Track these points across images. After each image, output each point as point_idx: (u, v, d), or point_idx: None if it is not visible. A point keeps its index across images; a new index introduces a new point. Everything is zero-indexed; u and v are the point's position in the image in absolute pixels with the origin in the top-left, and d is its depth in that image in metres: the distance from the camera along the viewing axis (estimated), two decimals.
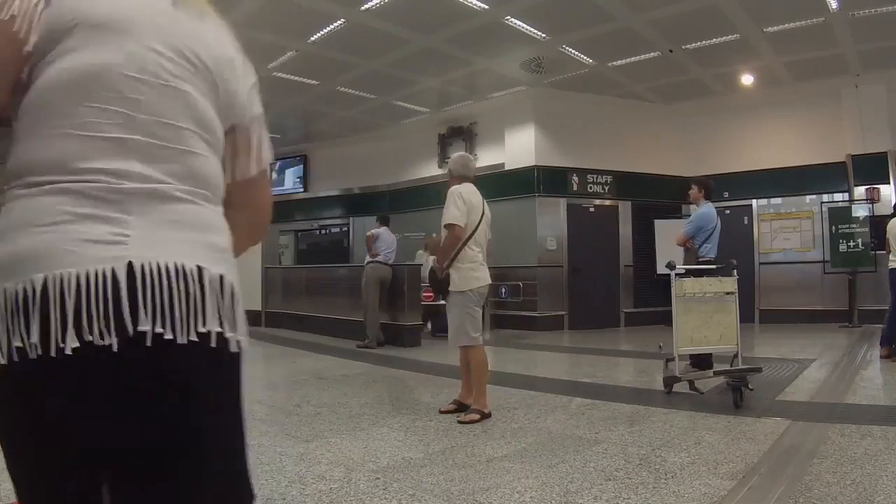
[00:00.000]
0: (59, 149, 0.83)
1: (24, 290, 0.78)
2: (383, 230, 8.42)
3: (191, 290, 0.84)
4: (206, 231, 0.91)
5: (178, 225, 0.86)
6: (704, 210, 5.62)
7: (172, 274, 0.82)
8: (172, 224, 0.85)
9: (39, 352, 0.77)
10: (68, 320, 0.77)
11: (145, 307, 0.79)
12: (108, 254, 0.79)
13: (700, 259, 5.40)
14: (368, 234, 8.43)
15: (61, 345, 0.76)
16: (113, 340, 0.78)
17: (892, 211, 6.74)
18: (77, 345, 0.77)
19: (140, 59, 0.88)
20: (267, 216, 1.15)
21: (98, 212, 0.81)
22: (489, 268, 4.64)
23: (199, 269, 0.86)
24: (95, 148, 0.83)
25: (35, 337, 0.77)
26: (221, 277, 0.89)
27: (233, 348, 0.89)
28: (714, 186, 5.96)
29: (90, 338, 0.77)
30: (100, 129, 0.83)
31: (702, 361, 4.94)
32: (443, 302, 4.65)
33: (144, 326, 0.79)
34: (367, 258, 8.28)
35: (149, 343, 0.79)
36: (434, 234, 8.26)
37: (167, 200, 0.86)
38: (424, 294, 8.43)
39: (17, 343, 0.77)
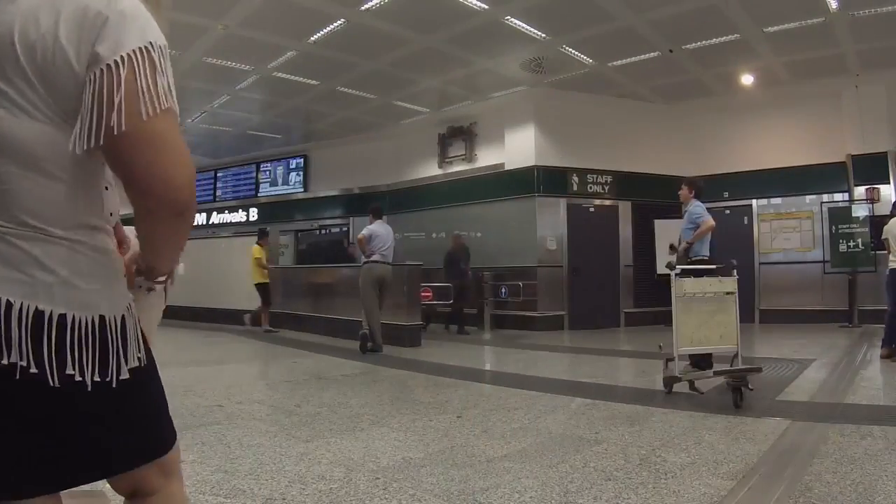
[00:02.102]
0: None
1: None
2: (377, 225, 7.77)
3: None
4: (25, 267, 0.89)
5: (1, 263, 0.88)
6: (694, 208, 5.61)
7: None
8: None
9: None
10: None
11: None
12: None
13: (692, 259, 5.36)
14: (359, 236, 7.78)
15: None
16: None
17: (891, 211, 6.73)
18: None
19: None
20: (150, 185, 0.91)
21: None
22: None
23: (8, 303, 0.88)
24: None
25: None
26: (38, 312, 0.89)
27: (51, 383, 0.89)
28: (704, 186, 5.92)
29: None
30: None
31: (701, 361, 4.94)
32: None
33: None
34: (363, 259, 7.78)
35: None
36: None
37: None
38: (423, 293, 8.40)
39: None
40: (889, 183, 9.44)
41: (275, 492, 2.67)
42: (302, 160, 14.62)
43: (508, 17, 7.69)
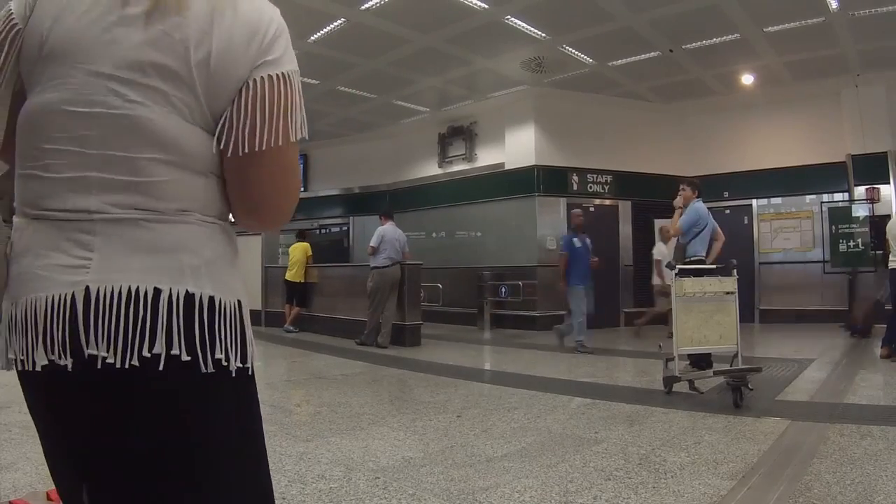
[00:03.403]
0: (31, 189, 0.88)
1: (10, 310, 0.87)
2: (388, 227, 8.12)
3: (139, 314, 0.83)
4: (172, 252, 0.87)
5: (138, 250, 0.85)
6: (698, 205, 5.60)
7: (123, 298, 0.83)
8: (132, 250, 0.85)
9: (21, 366, 0.86)
10: (38, 340, 0.83)
11: (95, 331, 0.82)
12: (71, 279, 0.84)
13: (689, 259, 5.34)
14: (370, 247, 8.07)
15: (34, 360, 0.84)
16: (68, 361, 0.83)
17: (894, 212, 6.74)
18: (45, 362, 0.83)
19: (87, 90, 0.84)
20: (262, 206, 0.96)
21: (68, 242, 0.85)
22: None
23: (157, 290, 0.84)
24: (59, 187, 0.86)
25: (20, 352, 0.86)
26: (188, 295, 0.86)
27: (204, 369, 0.86)
28: (702, 185, 5.91)
29: (53, 357, 0.83)
30: (59, 170, 0.86)
31: (700, 361, 4.94)
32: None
33: (91, 350, 0.82)
34: (373, 262, 8.01)
35: (99, 366, 0.82)
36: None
37: (129, 228, 0.85)
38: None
39: (10, 356, 0.88)
40: (889, 183, 9.43)
41: (275, 491, 2.67)
42: (302, 159, 14.61)
43: (508, 17, 7.68)
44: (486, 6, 7.33)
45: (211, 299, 0.88)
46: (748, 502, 2.55)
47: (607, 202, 11.00)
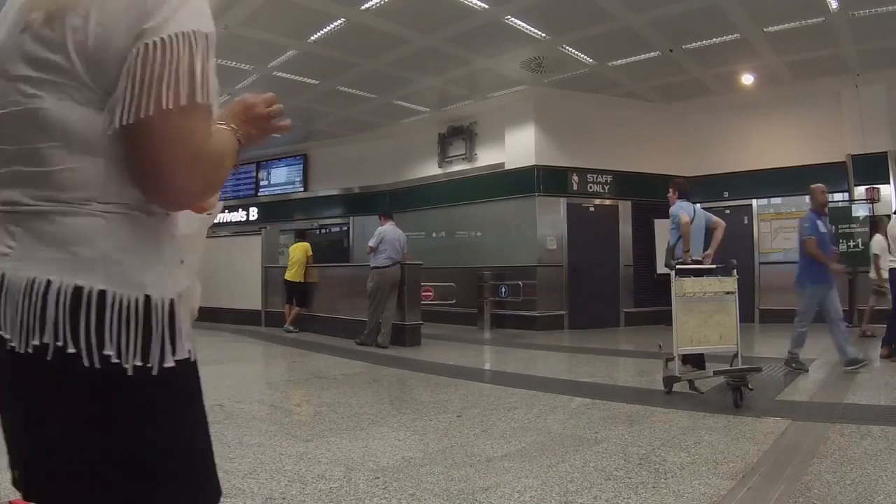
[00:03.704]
0: None
1: None
2: (388, 227, 8.14)
3: (32, 303, 0.86)
4: (68, 244, 0.88)
5: (44, 242, 0.89)
6: (673, 208, 5.57)
7: (23, 288, 0.87)
8: (40, 242, 0.89)
9: None
10: None
11: (3, 316, 0.89)
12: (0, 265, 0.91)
13: (677, 260, 5.20)
14: (368, 246, 8.11)
15: None
16: None
17: (894, 212, 6.73)
18: None
19: (3, 92, 0.91)
20: (159, 182, 0.89)
21: (3, 232, 0.92)
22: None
23: (48, 282, 0.86)
24: None
25: None
26: (77, 288, 0.86)
27: (86, 363, 0.85)
28: (686, 184, 5.81)
29: None
30: None
31: (698, 362, 4.95)
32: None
33: (2, 332, 0.88)
34: (373, 262, 8.04)
35: (7, 347, 0.87)
36: None
37: (40, 220, 0.89)
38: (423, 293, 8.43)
39: None
40: (889, 183, 9.43)
41: (275, 491, 2.67)
42: (302, 159, 14.62)
43: (508, 17, 7.68)
44: (486, 6, 7.34)
45: (102, 294, 0.87)
46: (748, 502, 2.55)
47: (607, 202, 11.01)
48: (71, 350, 0.85)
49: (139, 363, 0.88)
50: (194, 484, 0.97)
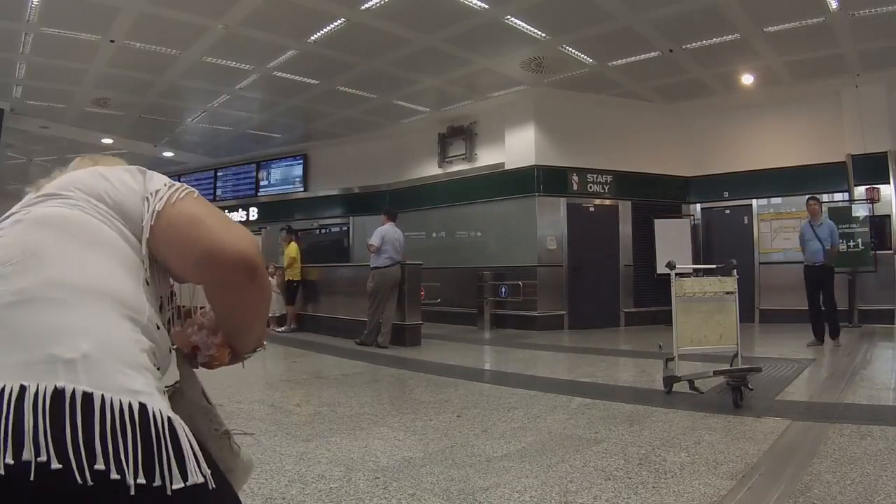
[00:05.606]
0: None
1: None
2: (388, 227, 8.13)
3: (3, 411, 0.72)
4: (47, 343, 0.77)
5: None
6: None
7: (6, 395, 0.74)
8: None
9: None
10: None
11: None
12: None
13: None
14: (371, 244, 8.07)
15: None
16: None
17: None
18: None
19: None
20: (219, 256, 0.94)
21: None
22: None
23: (22, 388, 0.72)
24: None
25: None
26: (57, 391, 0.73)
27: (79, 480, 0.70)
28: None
29: None
30: None
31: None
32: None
33: None
34: (373, 262, 8.04)
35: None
36: None
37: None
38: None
39: None
40: (889, 183, 9.43)
41: (275, 491, 2.67)
42: (302, 159, 14.63)
43: (508, 17, 7.68)
44: (486, 6, 7.33)
45: (87, 396, 0.74)
46: (748, 502, 2.55)
47: (607, 202, 11.00)
48: (55, 466, 0.71)
49: (142, 480, 0.75)
50: None
